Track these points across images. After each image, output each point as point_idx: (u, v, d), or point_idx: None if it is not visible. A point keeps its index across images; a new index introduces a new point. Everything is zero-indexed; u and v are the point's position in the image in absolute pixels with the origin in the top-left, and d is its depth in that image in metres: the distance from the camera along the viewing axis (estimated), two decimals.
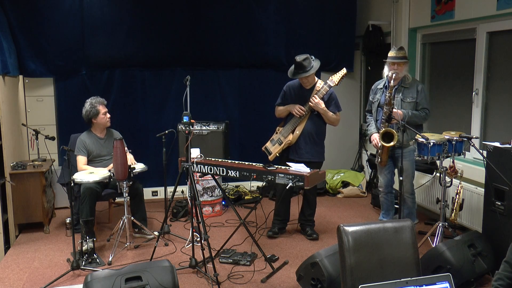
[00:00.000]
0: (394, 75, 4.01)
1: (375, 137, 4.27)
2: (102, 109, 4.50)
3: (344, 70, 4.26)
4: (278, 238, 4.48)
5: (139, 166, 4.37)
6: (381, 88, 4.31)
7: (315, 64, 4.22)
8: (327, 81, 4.24)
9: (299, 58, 4.18)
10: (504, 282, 2.21)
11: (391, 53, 4.17)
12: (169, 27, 5.62)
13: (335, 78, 4.22)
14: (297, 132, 4.29)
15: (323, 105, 4.21)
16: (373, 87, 4.45)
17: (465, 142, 3.92)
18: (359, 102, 6.50)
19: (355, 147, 6.49)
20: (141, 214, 4.46)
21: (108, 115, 4.56)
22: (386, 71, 4.20)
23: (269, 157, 4.36)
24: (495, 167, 3.41)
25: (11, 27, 5.05)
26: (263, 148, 4.47)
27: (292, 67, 4.28)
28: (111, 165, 4.38)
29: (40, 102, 5.43)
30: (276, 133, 4.43)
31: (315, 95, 4.21)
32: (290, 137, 4.30)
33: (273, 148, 4.38)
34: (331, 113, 4.29)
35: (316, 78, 4.36)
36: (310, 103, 4.21)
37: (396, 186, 4.58)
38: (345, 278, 2.14)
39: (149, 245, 4.25)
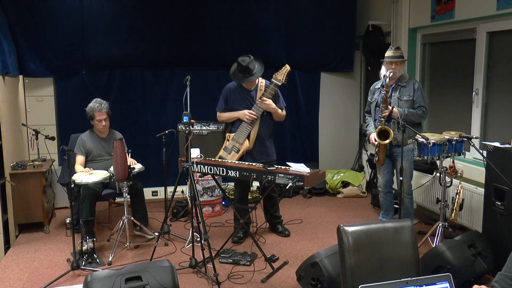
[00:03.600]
0: (391, 74, 4.06)
1: (373, 136, 4.29)
2: (98, 116, 4.47)
3: (287, 67, 4.11)
4: (278, 238, 4.48)
5: (137, 167, 4.38)
6: (379, 88, 4.34)
7: (258, 66, 4.14)
8: (273, 80, 4.13)
9: (244, 61, 4.07)
10: (506, 284, 2.20)
11: (388, 53, 4.21)
12: (169, 27, 5.62)
13: (280, 76, 4.11)
14: (252, 136, 4.20)
15: (274, 105, 4.16)
16: (371, 87, 4.50)
17: (465, 142, 3.92)
18: (359, 102, 6.50)
19: (355, 147, 6.50)
20: (141, 213, 4.47)
21: (104, 123, 4.51)
22: (383, 70, 4.25)
23: None
24: (495, 167, 3.41)
25: (11, 27, 5.05)
26: (216, 158, 4.24)
27: (234, 69, 4.18)
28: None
29: (40, 102, 5.43)
30: (228, 140, 4.29)
31: (264, 97, 4.12)
32: (247, 143, 4.19)
33: (230, 156, 4.22)
34: (280, 110, 4.24)
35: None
36: (260, 105, 4.12)
37: (395, 186, 4.59)
38: (345, 278, 2.14)
39: (149, 245, 4.25)
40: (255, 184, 5.81)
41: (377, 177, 4.55)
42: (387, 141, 4.07)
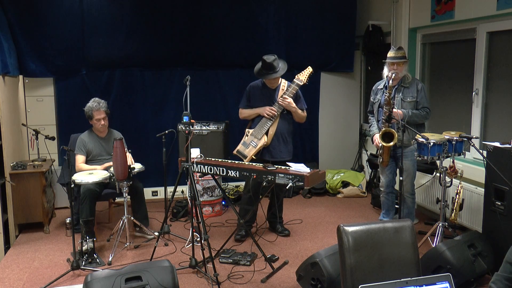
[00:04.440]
0: (393, 75, 4.03)
1: (377, 137, 4.28)
2: (96, 115, 4.46)
3: (310, 69, 4.26)
4: (278, 238, 4.48)
5: (136, 166, 4.38)
6: (381, 89, 4.33)
7: (282, 64, 4.24)
8: (295, 80, 4.26)
9: (268, 58, 4.18)
10: (502, 284, 2.20)
11: (390, 53, 4.19)
12: (169, 27, 5.62)
13: (302, 77, 4.24)
14: (271, 133, 4.28)
15: (294, 104, 4.25)
16: (373, 87, 4.48)
17: (465, 142, 3.92)
18: (359, 102, 6.50)
19: (355, 147, 6.50)
20: (142, 213, 4.47)
21: (103, 122, 4.50)
22: (385, 71, 4.22)
23: (245, 161, 4.28)
24: (495, 167, 3.41)
25: (11, 27, 5.05)
26: (235, 152, 4.34)
27: (258, 67, 4.28)
28: (106, 164, 4.39)
29: (40, 102, 5.43)
30: (247, 135, 4.35)
31: (285, 95, 4.22)
32: (265, 138, 4.26)
33: (247, 151, 4.29)
34: (300, 110, 4.32)
35: (280, 78, 4.36)
36: (281, 103, 4.22)
37: (396, 186, 4.59)
38: (345, 278, 2.14)
39: (149, 245, 4.25)
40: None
41: (378, 177, 4.55)
42: (391, 143, 4.06)
